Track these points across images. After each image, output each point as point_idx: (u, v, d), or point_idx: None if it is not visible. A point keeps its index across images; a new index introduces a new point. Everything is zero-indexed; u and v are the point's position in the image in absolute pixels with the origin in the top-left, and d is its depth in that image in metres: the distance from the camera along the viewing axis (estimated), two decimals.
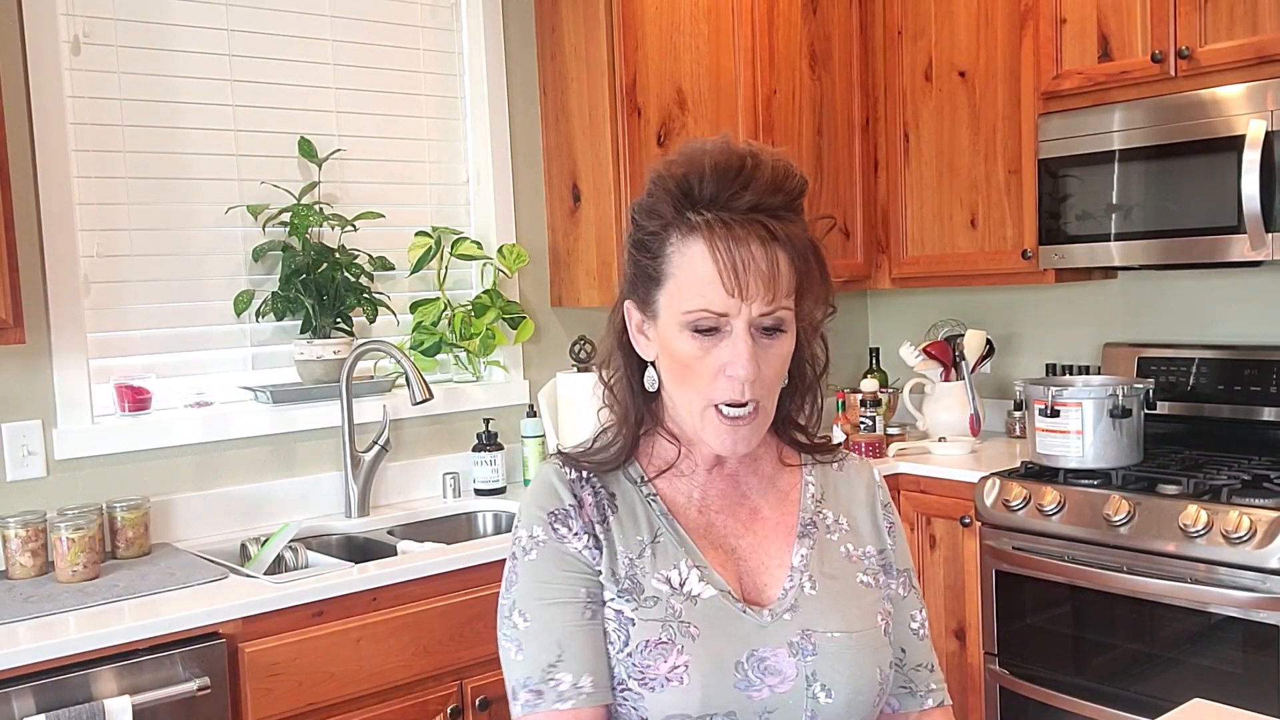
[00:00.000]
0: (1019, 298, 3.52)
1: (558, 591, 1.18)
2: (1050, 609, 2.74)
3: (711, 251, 1.13)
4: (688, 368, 1.17)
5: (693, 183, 1.15)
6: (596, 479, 1.25)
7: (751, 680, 1.16)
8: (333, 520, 2.72)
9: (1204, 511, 2.41)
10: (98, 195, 2.52)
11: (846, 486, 1.33)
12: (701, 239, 1.14)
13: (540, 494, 1.24)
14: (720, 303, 1.13)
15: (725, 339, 1.15)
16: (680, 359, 1.17)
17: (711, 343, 1.15)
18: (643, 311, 1.22)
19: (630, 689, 1.15)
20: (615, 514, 1.23)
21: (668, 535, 1.22)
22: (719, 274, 1.12)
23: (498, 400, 3.07)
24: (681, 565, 1.20)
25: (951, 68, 3.25)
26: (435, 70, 3.05)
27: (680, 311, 1.16)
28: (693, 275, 1.15)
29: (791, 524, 1.28)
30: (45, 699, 1.84)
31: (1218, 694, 1.65)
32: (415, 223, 2.99)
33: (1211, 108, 2.61)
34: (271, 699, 2.07)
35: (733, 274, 1.12)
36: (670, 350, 1.18)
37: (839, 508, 1.31)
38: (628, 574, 1.19)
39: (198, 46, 2.65)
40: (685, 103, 3.05)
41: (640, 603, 1.18)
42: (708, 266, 1.13)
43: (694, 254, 1.14)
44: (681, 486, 1.27)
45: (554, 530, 1.20)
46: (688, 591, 1.19)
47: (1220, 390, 2.95)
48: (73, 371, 2.43)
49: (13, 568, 2.25)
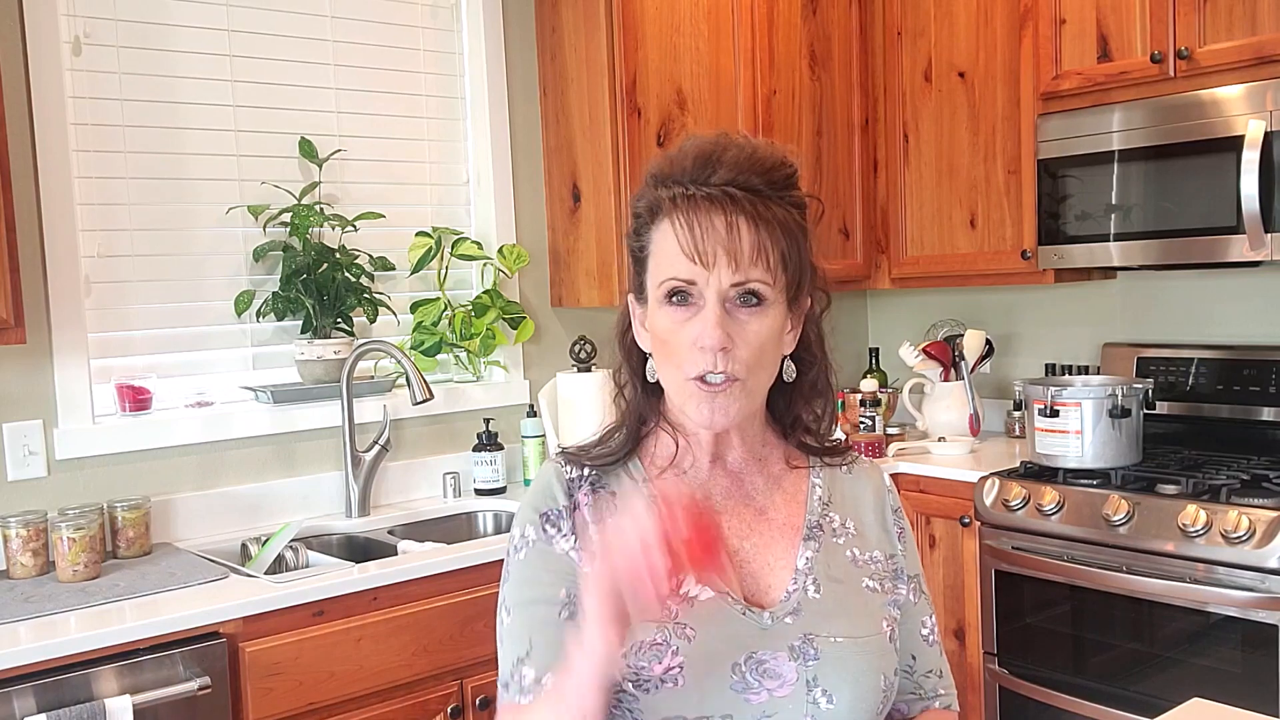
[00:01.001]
0: (1018, 298, 3.52)
1: (537, 590, 1.19)
2: (1049, 609, 2.74)
3: (673, 222, 1.15)
4: (666, 343, 1.18)
5: (673, 167, 1.19)
6: (598, 477, 1.25)
7: (749, 683, 1.15)
8: (333, 520, 2.73)
9: (1203, 511, 2.41)
10: (99, 196, 2.53)
11: (854, 490, 1.32)
12: (667, 214, 1.17)
13: (537, 494, 1.25)
14: (685, 269, 1.14)
15: (699, 312, 1.16)
16: (659, 335, 1.19)
17: (685, 315, 1.16)
18: (638, 300, 1.24)
19: (626, 690, 1.15)
20: (614, 514, 1.22)
21: None
22: (679, 242, 1.15)
23: (498, 400, 3.07)
24: None
25: (951, 68, 3.25)
26: (435, 71, 3.06)
27: (658, 283, 1.18)
28: (663, 249, 1.17)
29: (798, 526, 1.27)
30: (46, 698, 1.84)
31: (1217, 693, 1.65)
32: (416, 223, 2.99)
33: (1210, 108, 2.62)
34: (272, 698, 2.07)
35: (690, 239, 1.14)
36: (653, 329, 1.20)
37: (846, 511, 1.30)
38: None
39: (198, 47, 2.65)
40: (685, 103, 3.06)
41: None
42: (673, 237, 1.16)
43: (664, 229, 1.17)
44: (684, 487, 1.25)
45: (543, 530, 1.21)
46: (685, 593, 1.16)
47: (1219, 390, 2.95)
48: (74, 371, 2.43)
49: (14, 567, 2.25)
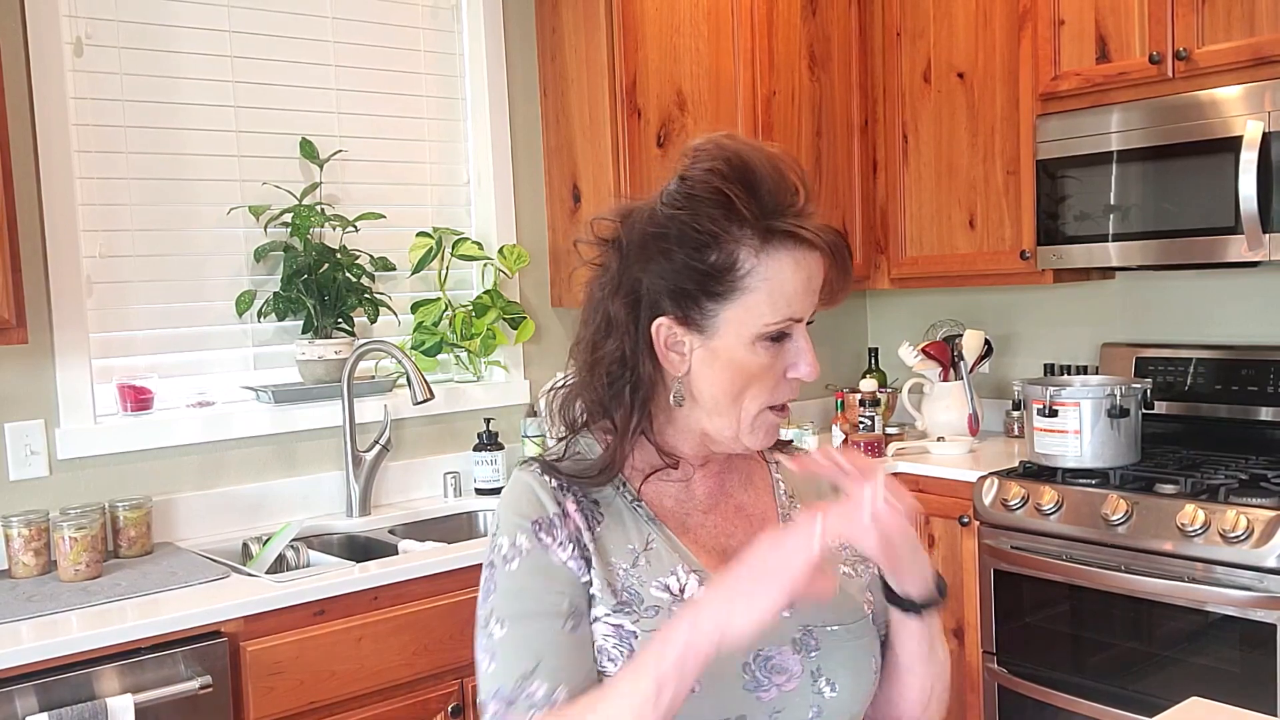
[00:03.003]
0: (1017, 298, 3.53)
1: (538, 602, 1.13)
2: (1048, 608, 2.75)
3: (794, 261, 1.12)
4: (753, 377, 1.15)
5: (758, 192, 1.12)
6: (577, 487, 1.20)
7: (760, 680, 1.14)
8: (334, 519, 2.73)
9: (1201, 511, 2.42)
10: (100, 196, 2.53)
11: (807, 480, 1.31)
12: (786, 250, 1.12)
13: (521, 501, 1.18)
14: (801, 308, 1.14)
15: (789, 341, 1.15)
16: (746, 370, 1.14)
17: (779, 348, 1.15)
18: (686, 326, 1.14)
19: None
20: (602, 522, 1.18)
21: (659, 541, 1.19)
22: (808, 279, 1.13)
23: (498, 400, 3.08)
24: (679, 570, 1.17)
25: (950, 69, 3.26)
26: (436, 71, 3.06)
27: (761, 324, 1.13)
28: (781, 288, 1.12)
29: (772, 518, 1.27)
30: (48, 697, 1.85)
31: (1215, 692, 1.65)
32: (416, 223, 3.00)
33: (1209, 109, 2.62)
34: (273, 697, 2.08)
35: (809, 277, 1.14)
36: (733, 364, 1.14)
37: (807, 499, 1.30)
38: (624, 585, 1.15)
39: (199, 48, 2.66)
40: (685, 104, 3.06)
41: (641, 614, 1.14)
42: (798, 277, 1.13)
43: (781, 265, 1.12)
44: (667, 490, 1.23)
45: (538, 539, 1.15)
46: (689, 597, 1.15)
47: (1218, 390, 2.96)
48: (75, 371, 2.44)
49: (16, 567, 2.26)
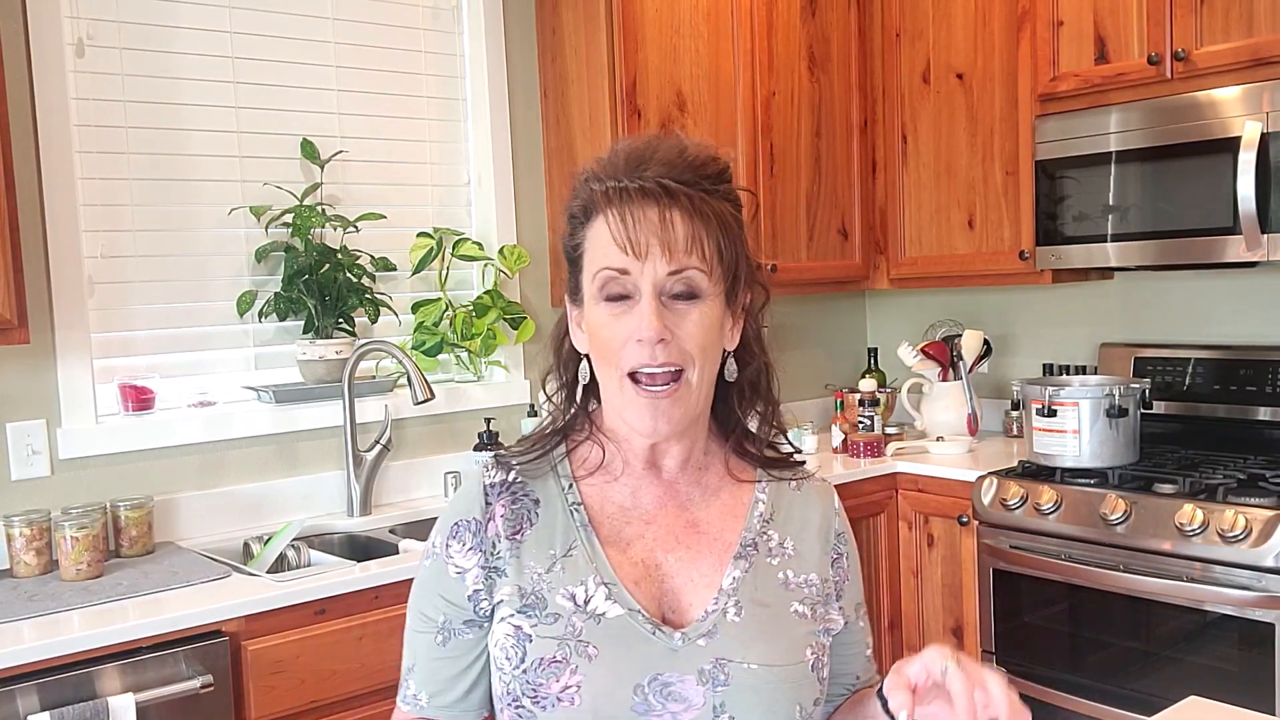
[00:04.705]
0: (1016, 298, 3.53)
1: (426, 607, 1.21)
2: (1047, 607, 2.76)
3: (606, 216, 1.13)
4: (602, 340, 1.15)
5: (605, 166, 1.17)
6: (523, 483, 1.21)
7: (651, 704, 1.11)
8: (335, 519, 2.74)
9: (1200, 510, 2.42)
10: (102, 196, 2.54)
11: (802, 509, 1.26)
12: (600, 209, 1.15)
13: (459, 498, 1.23)
14: (618, 259, 1.12)
15: (635, 305, 1.14)
16: (595, 331, 1.16)
17: (622, 309, 1.13)
18: (574, 301, 1.21)
19: (524, 705, 1.13)
20: (533, 525, 1.19)
21: (581, 549, 1.17)
22: (612, 233, 1.13)
23: (499, 400, 3.08)
24: (589, 581, 1.15)
25: (949, 70, 3.26)
26: (436, 72, 3.07)
27: (590, 280, 1.15)
28: (597, 243, 1.15)
29: (731, 543, 1.20)
30: (50, 697, 1.85)
31: (1213, 691, 1.66)
32: (417, 224, 3.00)
33: (1207, 109, 2.63)
34: (274, 696, 2.08)
35: (624, 229, 1.12)
36: (590, 328, 1.17)
37: (788, 530, 1.23)
38: (533, 589, 1.16)
39: (201, 49, 2.67)
40: (685, 104, 3.07)
41: (540, 619, 1.14)
42: (606, 230, 1.13)
43: (598, 224, 1.15)
44: (613, 493, 1.21)
45: (447, 545, 1.20)
46: (592, 610, 1.14)
47: (1216, 390, 2.96)
48: (77, 371, 2.44)
49: (17, 566, 2.26)
